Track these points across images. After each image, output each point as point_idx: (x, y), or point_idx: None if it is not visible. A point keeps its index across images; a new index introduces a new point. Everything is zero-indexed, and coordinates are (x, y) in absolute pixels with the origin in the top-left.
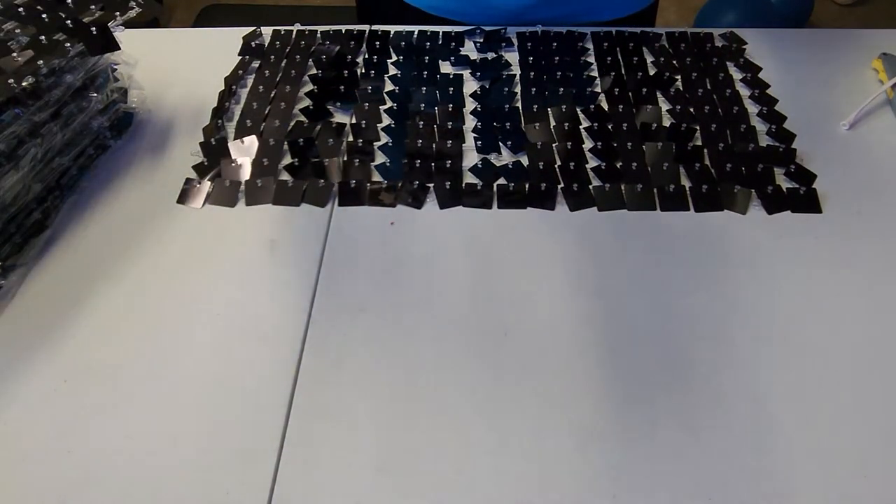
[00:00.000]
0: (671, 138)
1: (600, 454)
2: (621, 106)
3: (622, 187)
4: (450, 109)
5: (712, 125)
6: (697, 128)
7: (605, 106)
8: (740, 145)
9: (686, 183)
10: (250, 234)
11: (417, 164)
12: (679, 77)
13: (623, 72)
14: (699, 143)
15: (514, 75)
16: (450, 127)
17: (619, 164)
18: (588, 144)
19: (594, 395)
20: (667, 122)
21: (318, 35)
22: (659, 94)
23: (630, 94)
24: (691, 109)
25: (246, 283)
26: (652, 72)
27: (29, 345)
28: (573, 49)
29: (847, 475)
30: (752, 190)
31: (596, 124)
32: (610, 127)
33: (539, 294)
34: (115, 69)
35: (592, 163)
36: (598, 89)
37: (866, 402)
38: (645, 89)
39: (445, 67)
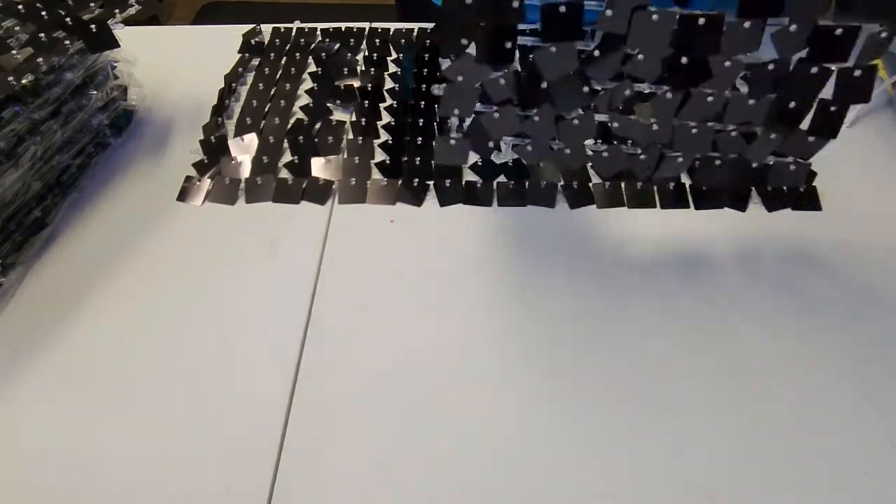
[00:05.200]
0: None
1: (601, 453)
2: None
3: (622, 185)
4: None
5: None
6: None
7: None
8: None
9: (686, 181)
10: (250, 232)
11: (417, 162)
12: None
13: None
14: None
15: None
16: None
17: None
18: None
19: (595, 391)
20: None
21: (318, 32)
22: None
23: None
24: None
25: (246, 280)
26: None
27: (29, 344)
28: None
29: (848, 473)
30: (752, 187)
31: None
32: None
33: (540, 291)
34: (115, 67)
35: None
36: None
37: (866, 403)
38: None
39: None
